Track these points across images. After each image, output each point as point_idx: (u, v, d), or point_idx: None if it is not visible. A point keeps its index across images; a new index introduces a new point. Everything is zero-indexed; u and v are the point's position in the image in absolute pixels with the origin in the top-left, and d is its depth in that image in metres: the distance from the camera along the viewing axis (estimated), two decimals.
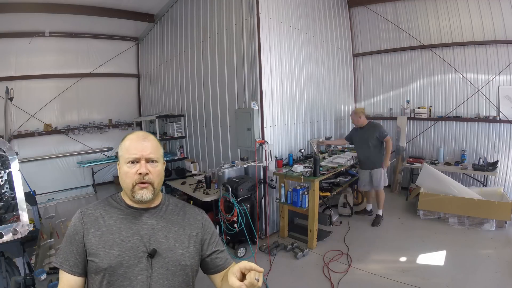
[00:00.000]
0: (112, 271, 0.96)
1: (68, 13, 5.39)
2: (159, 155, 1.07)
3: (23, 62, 6.12)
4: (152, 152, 1.04)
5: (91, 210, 1.06)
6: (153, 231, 1.04)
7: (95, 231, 1.01)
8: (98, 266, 0.97)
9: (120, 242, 0.99)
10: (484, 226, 3.84)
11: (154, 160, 1.05)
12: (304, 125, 4.78)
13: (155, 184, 1.05)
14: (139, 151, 1.02)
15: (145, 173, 1.01)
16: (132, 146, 1.03)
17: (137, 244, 1.00)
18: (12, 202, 2.06)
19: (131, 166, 1.02)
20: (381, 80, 6.09)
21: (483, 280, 2.77)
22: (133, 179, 1.01)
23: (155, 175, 1.04)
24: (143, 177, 1.01)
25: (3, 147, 2.05)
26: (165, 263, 1.01)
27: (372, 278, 2.92)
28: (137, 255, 0.99)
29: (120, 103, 7.56)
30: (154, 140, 1.08)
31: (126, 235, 1.01)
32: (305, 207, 3.48)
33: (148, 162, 1.03)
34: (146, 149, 1.03)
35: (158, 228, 1.06)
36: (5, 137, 4.67)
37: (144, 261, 0.99)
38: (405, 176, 5.63)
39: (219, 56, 4.48)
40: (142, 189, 1.02)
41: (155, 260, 1.00)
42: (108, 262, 0.96)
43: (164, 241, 1.04)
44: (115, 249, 0.98)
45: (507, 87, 4.67)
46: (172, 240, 1.05)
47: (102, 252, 0.97)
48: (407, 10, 5.54)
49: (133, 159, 1.02)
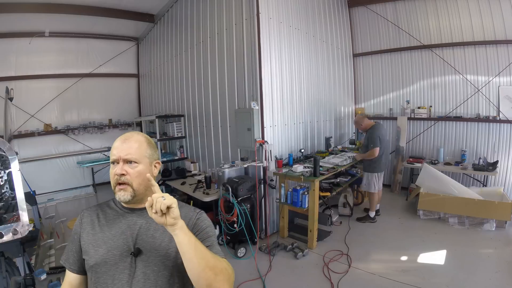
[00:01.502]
0: (97, 269, 1.00)
1: (68, 13, 5.39)
2: (140, 156, 1.06)
3: (23, 62, 6.12)
4: (131, 153, 1.04)
5: (90, 211, 1.12)
6: (140, 231, 1.05)
7: (89, 231, 1.06)
8: (88, 263, 1.03)
9: (108, 241, 1.03)
10: (484, 226, 3.84)
11: (133, 161, 1.04)
12: (304, 125, 4.78)
13: (134, 185, 1.04)
14: (118, 152, 1.04)
15: (120, 173, 1.02)
16: (114, 147, 1.06)
17: (123, 243, 1.02)
18: (12, 202, 2.06)
19: (112, 167, 1.05)
20: (381, 80, 6.09)
21: (483, 280, 2.77)
22: (114, 180, 1.04)
23: (133, 176, 1.04)
24: (120, 178, 1.03)
25: (3, 147, 2.05)
26: (148, 262, 1.01)
27: (372, 278, 2.92)
28: (122, 253, 1.01)
29: (120, 103, 7.55)
30: (137, 141, 1.07)
31: (114, 234, 1.04)
32: (305, 207, 3.48)
33: (126, 163, 1.04)
34: (124, 150, 1.04)
35: (146, 227, 1.06)
36: (5, 137, 4.66)
37: (128, 260, 1.00)
38: (405, 176, 5.63)
39: (219, 56, 4.48)
40: (121, 190, 1.03)
41: (139, 260, 1.01)
42: (94, 260, 1.00)
43: (150, 241, 1.04)
44: (102, 248, 1.02)
45: (507, 87, 4.67)
46: (159, 240, 1.05)
47: (91, 250, 1.02)
48: (407, 10, 5.54)
49: (113, 160, 1.05)
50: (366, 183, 4.25)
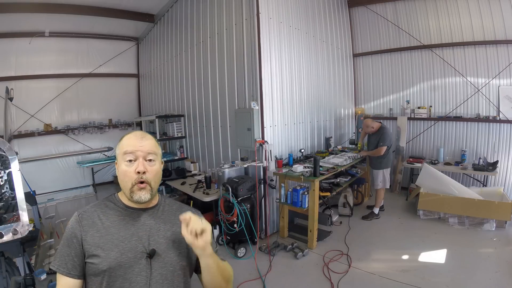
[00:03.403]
0: (111, 273, 0.96)
1: (68, 13, 5.39)
2: (157, 155, 1.07)
3: (23, 62, 6.12)
4: (150, 151, 1.04)
5: (89, 212, 1.05)
6: (151, 232, 1.05)
7: (94, 233, 1.00)
8: (98, 268, 0.96)
9: (119, 244, 0.99)
10: (484, 226, 3.84)
11: (152, 159, 1.04)
12: (304, 125, 4.78)
13: (152, 183, 1.04)
14: (137, 150, 1.02)
15: (143, 171, 1.01)
16: (130, 145, 1.03)
17: (136, 245, 1.00)
18: (12, 202, 2.06)
19: (129, 164, 1.02)
20: (381, 80, 6.09)
21: (483, 280, 2.77)
22: (132, 179, 1.01)
23: (152, 174, 1.04)
24: (141, 176, 1.01)
25: (3, 147, 2.05)
26: (164, 263, 1.01)
27: (372, 278, 2.92)
28: (136, 256, 0.99)
29: (120, 103, 7.56)
30: (152, 139, 1.08)
31: (125, 236, 1.01)
32: (305, 207, 3.48)
33: (146, 161, 1.03)
34: (144, 147, 1.03)
35: (156, 228, 1.06)
36: (5, 137, 4.67)
37: (143, 262, 0.99)
38: (405, 176, 5.63)
39: (219, 56, 4.48)
40: (141, 189, 1.02)
41: (154, 261, 1.00)
42: (108, 264, 0.96)
43: (163, 241, 1.04)
44: (114, 251, 0.98)
45: (507, 87, 4.67)
46: (170, 240, 1.05)
47: (101, 254, 0.97)
48: (407, 10, 5.54)
49: (131, 158, 1.02)
50: (381, 179, 4.40)
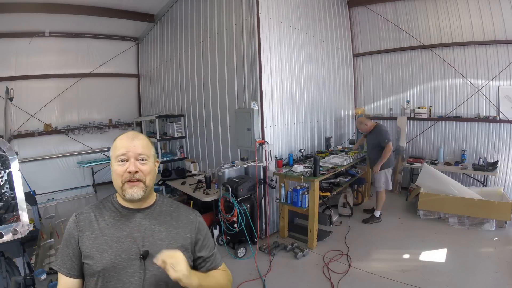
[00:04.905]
0: (105, 274, 0.98)
1: (68, 13, 5.38)
2: (149, 153, 1.08)
3: (23, 62, 6.11)
4: (142, 150, 1.05)
5: (86, 214, 1.07)
6: (146, 233, 1.05)
7: (89, 234, 1.02)
8: (92, 268, 0.98)
9: (113, 245, 1.01)
10: (484, 226, 3.84)
11: (144, 158, 1.05)
12: (304, 125, 4.78)
13: (147, 181, 1.05)
14: (128, 150, 1.03)
15: (134, 171, 1.02)
16: (122, 145, 1.04)
17: (130, 246, 1.01)
18: (12, 202, 2.06)
19: (121, 164, 1.03)
20: (381, 80, 6.09)
21: (483, 280, 2.78)
22: (123, 178, 1.02)
23: (145, 173, 1.05)
24: (133, 175, 1.02)
25: (3, 147, 2.05)
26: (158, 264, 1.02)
27: (372, 278, 2.92)
28: (130, 257, 1.00)
29: (120, 103, 7.55)
30: (144, 139, 1.09)
31: (119, 237, 1.02)
32: (305, 207, 3.48)
33: (138, 160, 1.04)
34: (135, 147, 1.04)
35: (151, 229, 1.06)
36: (5, 137, 4.67)
37: (137, 263, 1.00)
38: (405, 176, 5.63)
39: (219, 56, 4.48)
40: (132, 187, 1.02)
41: (147, 262, 1.01)
42: (102, 265, 0.98)
43: (157, 243, 1.05)
44: (108, 252, 0.99)
45: (507, 87, 4.67)
46: (165, 242, 1.06)
47: (96, 255, 0.99)
48: (407, 10, 5.54)
49: (123, 158, 1.03)
50: (384, 181, 4.18)
